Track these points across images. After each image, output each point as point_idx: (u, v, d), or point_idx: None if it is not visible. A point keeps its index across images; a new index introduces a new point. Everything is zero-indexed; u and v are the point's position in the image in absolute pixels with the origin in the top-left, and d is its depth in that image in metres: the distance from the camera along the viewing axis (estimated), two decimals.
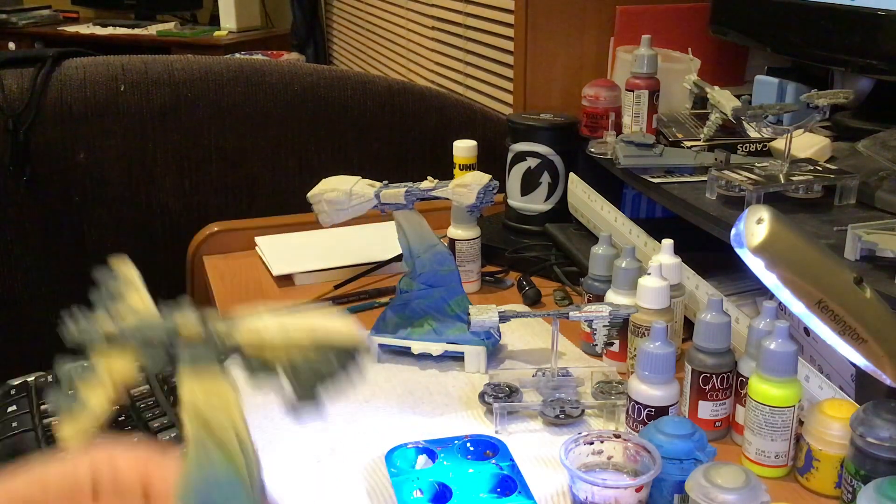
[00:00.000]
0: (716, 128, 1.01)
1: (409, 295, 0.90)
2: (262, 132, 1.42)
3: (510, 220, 1.20)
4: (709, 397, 0.73)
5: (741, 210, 0.61)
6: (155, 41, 3.51)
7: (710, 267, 0.89)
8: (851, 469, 0.63)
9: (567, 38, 1.43)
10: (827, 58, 1.07)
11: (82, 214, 1.38)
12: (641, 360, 0.71)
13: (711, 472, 0.59)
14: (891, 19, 0.93)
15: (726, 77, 1.36)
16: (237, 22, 3.49)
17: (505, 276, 1.11)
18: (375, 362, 0.89)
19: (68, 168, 1.35)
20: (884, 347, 0.59)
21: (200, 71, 1.38)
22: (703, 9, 1.31)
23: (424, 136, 1.49)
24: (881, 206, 0.86)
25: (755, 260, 0.57)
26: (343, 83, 1.44)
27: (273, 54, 3.17)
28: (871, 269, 0.72)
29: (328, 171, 0.94)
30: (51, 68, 1.31)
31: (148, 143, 1.38)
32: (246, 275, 1.15)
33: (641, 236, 0.95)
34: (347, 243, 1.18)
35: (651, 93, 1.08)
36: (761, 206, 0.59)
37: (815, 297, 0.58)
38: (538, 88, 1.46)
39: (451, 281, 0.90)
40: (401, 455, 0.70)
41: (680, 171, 1.00)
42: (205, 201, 1.43)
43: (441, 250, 0.89)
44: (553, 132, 1.13)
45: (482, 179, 0.86)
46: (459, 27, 1.89)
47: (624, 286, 0.85)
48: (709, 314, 0.72)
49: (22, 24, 3.71)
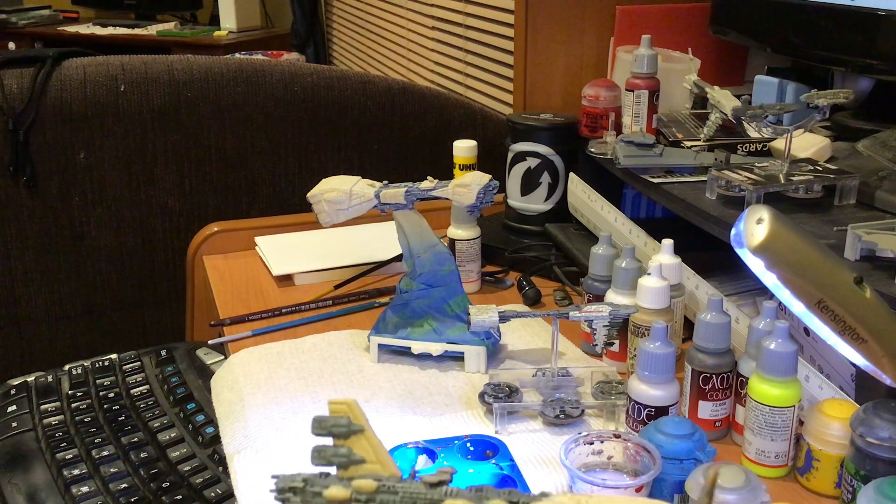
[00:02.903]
0: (716, 128, 1.01)
1: (409, 295, 0.90)
2: (262, 132, 1.42)
3: (510, 220, 1.20)
4: (709, 397, 0.73)
5: (741, 210, 0.61)
6: (155, 41, 3.51)
7: (710, 267, 0.89)
8: (851, 469, 0.63)
9: (567, 38, 1.43)
10: (827, 58, 1.07)
11: (82, 214, 1.38)
12: (641, 360, 0.71)
13: (711, 472, 0.59)
14: (891, 19, 0.93)
15: (726, 77, 1.37)
16: (237, 22, 3.49)
17: (505, 276, 1.11)
18: (375, 362, 0.89)
19: (68, 168, 1.35)
20: (884, 347, 0.59)
21: (200, 71, 1.38)
22: (703, 9, 1.31)
23: (424, 136, 1.49)
24: (881, 206, 0.86)
25: (755, 260, 0.57)
26: (343, 83, 1.44)
27: (273, 54, 3.17)
28: (871, 269, 0.72)
29: (328, 171, 0.94)
30: (51, 68, 1.31)
31: (148, 143, 1.38)
32: (246, 275, 1.15)
33: (641, 236, 0.95)
34: (347, 243, 1.18)
35: (651, 93, 1.08)
36: (761, 206, 0.59)
37: (815, 297, 0.58)
38: (538, 88, 1.46)
39: (451, 281, 0.90)
40: (401, 455, 0.70)
41: (680, 171, 1.00)
42: (205, 201, 1.43)
43: (441, 250, 0.89)
44: (553, 132, 1.14)
45: (482, 179, 0.86)
46: (459, 27, 1.89)
47: (624, 286, 0.85)
48: (709, 314, 0.72)
49: (22, 24, 3.70)
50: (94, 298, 1.43)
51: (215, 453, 0.86)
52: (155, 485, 0.83)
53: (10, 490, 0.84)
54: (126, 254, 1.42)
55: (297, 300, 1.04)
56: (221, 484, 0.83)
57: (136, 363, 1.05)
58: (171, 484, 0.83)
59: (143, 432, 0.92)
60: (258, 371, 0.86)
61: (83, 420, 0.94)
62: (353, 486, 0.27)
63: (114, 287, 1.44)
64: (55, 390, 1.00)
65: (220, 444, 0.78)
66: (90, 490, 0.83)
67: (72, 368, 1.04)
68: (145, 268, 1.44)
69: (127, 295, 1.45)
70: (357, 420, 0.28)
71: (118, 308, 1.45)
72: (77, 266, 1.41)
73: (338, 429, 0.29)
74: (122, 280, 1.43)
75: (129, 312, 1.46)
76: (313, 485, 0.28)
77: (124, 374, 1.03)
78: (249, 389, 0.83)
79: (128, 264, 1.43)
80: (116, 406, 0.97)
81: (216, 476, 0.84)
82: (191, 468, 0.85)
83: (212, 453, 0.87)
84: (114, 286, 1.43)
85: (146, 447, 0.89)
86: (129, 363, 1.05)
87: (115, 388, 1.00)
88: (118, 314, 1.46)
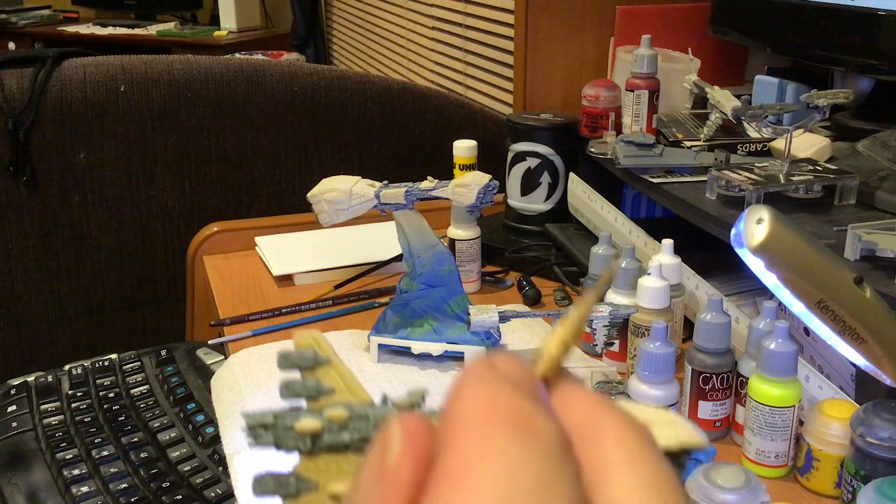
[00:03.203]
0: (716, 128, 1.01)
1: (409, 295, 0.90)
2: (262, 132, 1.42)
3: (510, 220, 1.20)
4: (709, 397, 0.73)
5: (741, 210, 0.61)
6: (155, 41, 3.51)
7: (710, 267, 0.89)
8: (851, 469, 0.63)
9: (567, 38, 1.43)
10: (827, 58, 1.07)
11: (82, 214, 1.38)
12: (641, 360, 0.71)
13: (711, 472, 0.59)
14: (891, 19, 0.93)
15: (726, 77, 1.37)
16: (237, 22, 3.49)
17: (505, 276, 1.11)
18: (375, 362, 0.89)
19: (68, 168, 1.35)
20: (884, 347, 0.59)
21: (200, 71, 1.38)
22: (703, 9, 1.31)
23: (424, 136, 1.49)
24: (881, 206, 0.86)
25: (755, 260, 0.57)
26: (343, 83, 1.44)
27: (273, 54, 3.17)
28: (871, 269, 0.72)
29: (328, 171, 0.94)
30: (51, 68, 1.31)
31: (148, 143, 1.38)
32: (246, 275, 1.15)
33: (641, 236, 0.95)
34: (347, 243, 1.18)
35: (651, 93, 1.08)
36: (761, 206, 0.59)
37: (815, 297, 0.58)
38: (538, 88, 1.46)
39: (451, 281, 0.90)
40: None
41: (680, 171, 1.00)
42: (205, 201, 1.43)
43: (441, 250, 0.89)
44: (553, 132, 1.13)
45: (482, 179, 0.86)
46: (459, 27, 1.89)
47: (624, 286, 0.85)
48: (709, 314, 0.72)
49: (22, 24, 3.71)
50: (94, 298, 1.43)
51: (215, 453, 0.86)
52: (155, 485, 0.83)
53: (10, 490, 0.84)
54: (126, 254, 1.42)
55: (297, 300, 1.04)
56: (221, 484, 0.82)
57: (136, 363, 1.05)
58: (171, 484, 0.83)
59: (143, 432, 0.92)
60: (258, 371, 0.86)
61: (83, 420, 0.94)
62: (325, 417, 0.27)
63: (114, 287, 1.43)
64: (55, 390, 1.00)
65: (220, 444, 0.78)
66: (90, 490, 0.83)
67: (72, 368, 1.04)
68: (145, 268, 1.44)
69: (127, 295, 1.45)
70: (323, 352, 0.28)
71: (118, 308, 1.45)
72: (77, 266, 1.41)
73: (304, 361, 0.28)
74: (122, 280, 1.43)
75: (129, 312, 1.46)
76: (284, 419, 0.27)
77: (124, 374, 1.03)
78: (249, 389, 0.83)
79: (128, 264, 1.43)
80: (116, 406, 0.97)
81: (216, 476, 0.84)
82: (191, 468, 0.85)
83: (212, 453, 0.87)
84: (114, 286, 1.43)
85: (146, 447, 0.89)
86: (129, 363, 1.05)
87: (115, 388, 1.00)
88: (118, 314, 1.45)
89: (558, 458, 0.21)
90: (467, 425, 0.21)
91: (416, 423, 0.22)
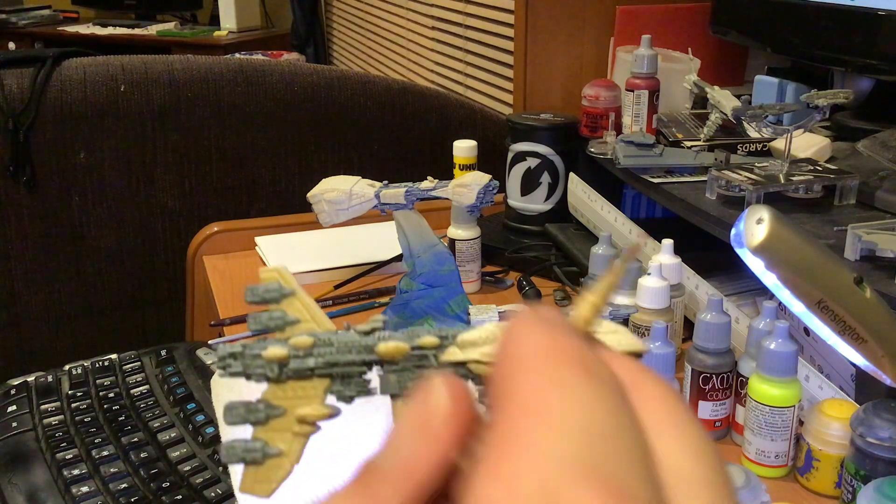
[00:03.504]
0: (716, 128, 1.01)
1: (409, 295, 0.90)
2: (262, 132, 1.42)
3: (510, 220, 1.20)
4: (709, 397, 0.73)
5: (741, 210, 0.61)
6: (155, 41, 3.51)
7: (710, 267, 0.89)
8: (851, 469, 0.63)
9: (567, 38, 1.43)
10: (827, 58, 1.07)
11: (82, 214, 1.38)
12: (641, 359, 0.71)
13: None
14: (891, 19, 0.93)
15: (726, 77, 1.37)
16: (237, 22, 3.49)
17: (505, 276, 1.11)
18: None
19: (68, 168, 1.35)
20: (884, 347, 0.59)
21: (200, 71, 1.38)
22: (703, 9, 1.31)
23: (424, 136, 1.49)
24: (881, 206, 0.86)
25: (755, 260, 0.57)
26: (343, 83, 1.44)
27: (273, 54, 3.17)
28: (871, 269, 0.72)
29: (328, 171, 0.94)
30: (51, 68, 1.31)
31: (148, 143, 1.38)
32: (246, 275, 1.15)
33: None
34: (347, 243, 1.18)
35: (651, 93, 1.08)
36: (761, 206, 0.59)
37: (815, 297, 0.58)
38: (538, 88, 1.46)
39: (451, 281, 0.90)
40: None
41: (680, 171, 1.00)
42: (205, 201, 1.43)
43: (441, 250, 0.89)
44: (553, 132, 1.13)
45: (482, 179, 0.86)
46: (459, 27, 1.89)
47: (624, 286, 0.85)
48: (709, 314, 0.72)
49: (22, 24, 3.71)
50: (94, 298, 1.43)
51: (215, 453, 0.86)
52: (155, 485, 0.83)
53: (10, 490, 0.84)
54: (126, 254, 1.42)
55: None
56: (221, 484, 0.82)
57: (136, 363, 1.05)
58: (171, 484, 0.83)
59: (143, 432, 0.92)
60: None
61: (83, 420, 0.94)
62: (291, 344, 0.29)
63: (114, 287, 1.43)
64: (55, 390, 1.00)
65: (220, 444, 0.78)
66: (90, 490, 0.83)
67: (72, 368, 1.04)
68: (145, 268, 1.44)
69: (127, 295, 1.45)
70: (288, 284, 0.29)
71: (118, 308, 1.45)
72: (77, 266, 1.40)
73: (270, 294, 0.30)
74: (122, 280, 1.43)
75: (129, 312, 1.46)
76: (252, 348, 0.29)
77: (124, 374, 1.03)
78: (249, 389, 0.83)
79: (128, 264, 1.43)
80: (116, 406, 0.97)
81: (216, 476, 0.84)
82: (191, 468, 0.85)
83: (212, 453, 0.87)
84: (114, 286, 1.43)
85: (146, 447, 0.89)
86: (129, 363, 1.05)
87: (115, 388, 1.00)
88: (118, 314, 1.45)
89: (624, 402, 0.21)
90: (534, 365, 0.21)
91: (458, 382, 0.22)
